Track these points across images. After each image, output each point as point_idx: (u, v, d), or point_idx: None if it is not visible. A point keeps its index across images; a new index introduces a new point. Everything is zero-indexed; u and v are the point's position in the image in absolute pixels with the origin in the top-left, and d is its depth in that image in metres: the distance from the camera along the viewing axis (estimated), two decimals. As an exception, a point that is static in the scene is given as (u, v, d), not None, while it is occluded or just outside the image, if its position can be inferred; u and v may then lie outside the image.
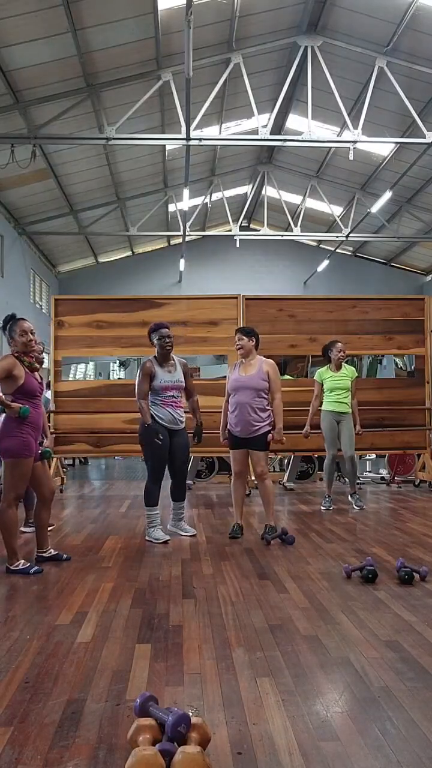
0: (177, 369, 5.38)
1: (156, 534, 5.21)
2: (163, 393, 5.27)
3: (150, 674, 2.61)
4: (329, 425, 6.92)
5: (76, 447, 8.33)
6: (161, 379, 5.26)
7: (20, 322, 4.39)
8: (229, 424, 5.42)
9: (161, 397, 5.27)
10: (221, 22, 11.61)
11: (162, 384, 5.25)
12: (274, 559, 4.55)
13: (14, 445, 4.21)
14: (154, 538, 5.19)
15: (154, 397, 5.28)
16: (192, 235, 19.85)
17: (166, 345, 5.29)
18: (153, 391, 5.28)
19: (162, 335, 5.28)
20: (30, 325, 4.43)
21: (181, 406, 5.40)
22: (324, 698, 2.39)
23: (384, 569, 4.17)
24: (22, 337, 4.33)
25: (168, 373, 5.31)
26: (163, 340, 5.28)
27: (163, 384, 5.26)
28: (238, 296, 8.49)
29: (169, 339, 5.30)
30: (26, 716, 2.27)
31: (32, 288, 19.23)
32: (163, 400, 5.27)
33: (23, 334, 4.34)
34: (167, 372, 5.31)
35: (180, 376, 5.37)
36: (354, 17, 11.60)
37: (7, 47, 10.29)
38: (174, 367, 5.38)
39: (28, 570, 4.20)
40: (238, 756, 1.99)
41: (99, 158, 14.98)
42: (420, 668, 2.64)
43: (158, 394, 5.27)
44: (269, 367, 5.39)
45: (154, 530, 5.23)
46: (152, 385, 5.27)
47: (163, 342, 5.28)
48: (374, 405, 8.14)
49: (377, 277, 23.41)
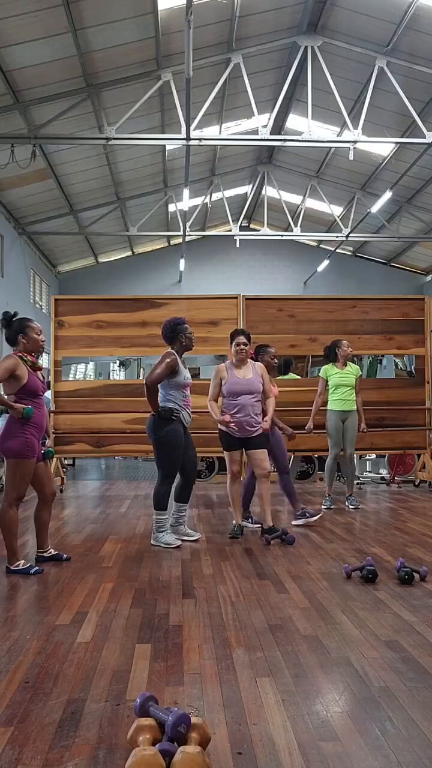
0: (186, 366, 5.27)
1: (167, 539, 5.00)
2: (184, 391, 5.10)
3: (150, 674, 2.61)
4: (335, 425, 6.92)
5: (76, 447, 8.33)
6: (185, 376, 5.09)
7: (32, 322, 4.42)
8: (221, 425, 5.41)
9: (183, 397, 5.10)
10: (221, 22, 11.62)
11: (186, 381, 5.10)
12: (274, 559, 4.55)
13: (18, 445, 4.21)
14: (165, 543, 4.97)
15: (175, 394, 5.06)
16: (192, 235, 19.87)
17: (193, 342, 5.22)
18: (174, 387, 5.05)
19: (189, 332, 5.18)
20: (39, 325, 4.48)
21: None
22: (324, 698, 2.39)
23: (384, 569, 4.17)
24: (38, 336, 4.38)
25: (186, 370, 5.17)
26: (191, 335, 5.19)
27: (186, 381, 5.10)
28: (238, 296, 8.50)
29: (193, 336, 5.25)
30: (26, 716, 2.27)
31: (32, 288, 19.24)
32: (184, 399, 5.10)
33: (39, 333, 4.40)
34: (186, 369, 5.18)
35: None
36: (354, 17, 11.61)
37: (7, 47, 10.30)
38: (185, 364, 5.25)
39: (28, 570, 4.20)
40: (238, 756, 1.99)
41: (99, 158, 14.98)
42: (420, 668, 2.64)
43: (180, 393, 5.08)
44: (261, 370, 5.51)
45: (165, 535, 5.02)
46: (175, 381, 5.04)
47: (193, 337, 5.20)
48: (374, 405, 8.13)
49: (377, 277, 23.42)
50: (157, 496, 5.06)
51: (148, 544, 5.10)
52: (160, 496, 5.05)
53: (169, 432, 4.96)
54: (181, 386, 5.05)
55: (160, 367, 4.93)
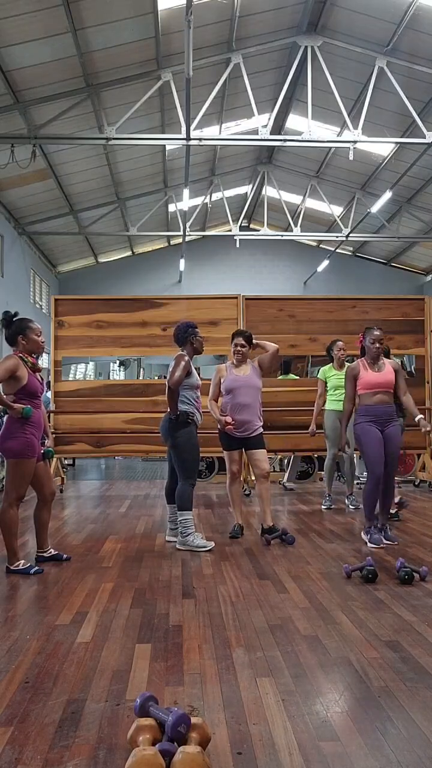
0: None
1: (199, 542, 4.86)
2: (196, 392, 5.11)
3: (150, 674, 2.61)
4: (332, 424, 6.93)
5: (76, 447, 8.32)
6: (196, 378, 5.13)
7: (32, 322, 4.43)
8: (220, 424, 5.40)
9: (195, 399, 5.10)
10: (221, 22, 11.61)
11: (197, 383, 5.13)
12: (274, 559, 4.55)
13: (18, 445, 4.21)
14: (197, 546, 4.83)
15: (189, 395, 5.05)
16: (192, 235, 19.86)
17: (203, 347, 5.27)
18: (189, 389, 5.06)
19: (201, 336, 5.23)
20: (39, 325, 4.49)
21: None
22: (324, 698, 2.39)
23: (384, 569, 4.17)
24: (38, 336, 4.39)
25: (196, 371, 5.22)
26: (202, 339, 5.24)
27: (198, 383, 5.14)
28: (238, 296, 8.50)
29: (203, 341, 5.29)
30: (26, 716, 2.27)
31: (32, 288, 19.24)
32: (196, 401, 5.10)
33: (39, 333, 4.41)
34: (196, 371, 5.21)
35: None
36: (354, 17, 11.61)
37: (7, 47, 10.29)
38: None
39: (28, 570, 4.20)
40: (238, 756, 1.99)
41: (99, 158, 14.98)
42: (420, 668, 2.64)
43: (193, 394, 5.08)
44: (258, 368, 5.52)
45: (195, 538, 4.89)
46: (189, 382, 5.05)
47: (202, 342, 5.24)
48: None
49: (377, 277, 23.41)
50: (181, 498, 4.96)
51: (149, 544, 5.10)
52: (184, 497, 4.96)
53: (185, 434, 4.98)
54: (194, 387, 5.09)
55: (178, 369, 4.94)
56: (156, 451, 8.14)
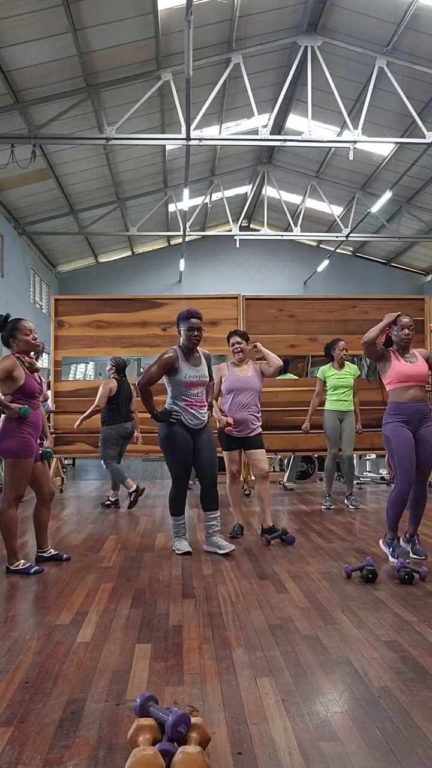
0: (202, 362, 4.81)
1: (178, 544, 4.79)
2: (187, 390, 4.69)
3: (150, 674, 2.60)
4: (332, 424, 6.92)
5: (76, 447, 8.32)
6: (186, 374, 4.67)
7: (21, 322, 4.39)
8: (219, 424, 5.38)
9: (186, 397, 4.69)
10: (221, 22, 11.62)
11: (187, 379, 4.67)
12: (274, 559, 4.55)
13: (15, 445, 4.21)
14: (175, 548, 4.80)
15: (176, 396, 4.72)
16: (192, 235, 19.87)
17: (194, 339, 4.68)
18: (176, 387, 4.71)
19: (191, 326, 4.66)
20: (30, 324, 4.44)
21: (206, 405, 4.87)
22: (324, 698, 2.39)
23: (384, 569, 4.17)
24: (27, 336, 4.35)
25: (194, 367, 4.73)
26: (191, 332, 4.67)
27: (188, 379, 4.67)
28: (238, 296, 8.50)
29: (198, 332, 4.69)
30: (26, 716, 2.27)
31: (32, 288, 19.24)
32: (187, 400, 4.69)
33: (28, 333, 4.36)
34: (192, 366, 4.73)
35: (205, 371, 4.81)
36: (354, 17, 11.61)
37: (7, 47, 10.30)
38: (199, 360, 4.80)
39: (28, 570, 4.20)
40: (238, 756, 1.99)
41: (99, 158, 14.99)
42: (420, 668, 2.64)
43: (182, 392, 4.69)
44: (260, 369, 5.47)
45: (178, 540, 4.83)
46: (174, 379, 4.68)
47: (191, 335, 4.67)
48: (374, 405, 8.12)
49: (377, 277, 23.42)
50: (170, 502, 4.89)
51: (148, 544, 5.10)
52: (171, 500, 4.87)
53: (168, 434, 4.70)
54: (181, 385, 4.68)
55: (153, 367, 4.67)
56: (156, 451, 8.13)
